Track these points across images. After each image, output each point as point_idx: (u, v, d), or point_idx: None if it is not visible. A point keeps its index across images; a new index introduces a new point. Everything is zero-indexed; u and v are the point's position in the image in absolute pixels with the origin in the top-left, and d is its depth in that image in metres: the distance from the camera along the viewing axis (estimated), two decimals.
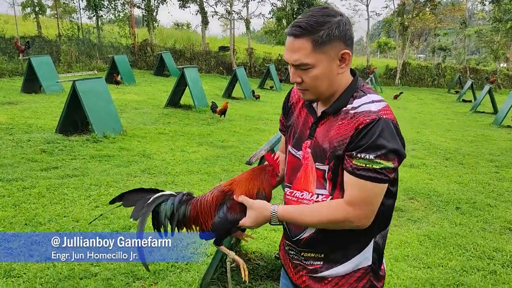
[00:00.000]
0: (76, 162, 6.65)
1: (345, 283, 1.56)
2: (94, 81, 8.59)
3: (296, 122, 1.68)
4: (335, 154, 1.46)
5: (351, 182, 1.43)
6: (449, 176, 7.26)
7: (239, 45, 29.68)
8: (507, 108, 13.94)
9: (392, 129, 1.42)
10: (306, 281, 1.63)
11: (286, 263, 1.77)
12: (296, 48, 1.44)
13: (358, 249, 1.55)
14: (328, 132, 1.51)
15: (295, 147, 1.65)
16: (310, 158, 1.55)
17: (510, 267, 4.02)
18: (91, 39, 24.52)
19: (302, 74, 1.48)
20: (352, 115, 1.45)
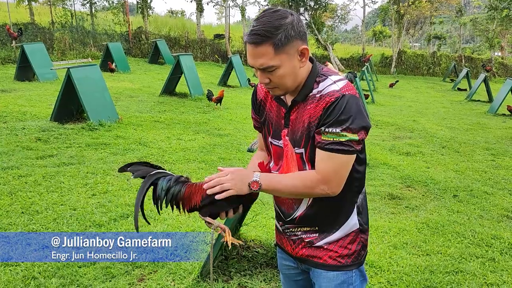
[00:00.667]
0: (72, 150, 6.59)
1: (340, 246, 1.74)
2: (89, 69, 8.49)
3: (270, 116, 1.80)
4: (310, 135, 1.61)
5: (321, 156, 1.59)
6: (445, 164, 7.28)
7: (235, 33, 29.46)
8: (502, 96, 13.97)
9: (355, 103, 1.54)
10: (306, 252, 1.78)
11: (283, 243, 1.89)
12: (259, 54, 1.54)
13: (345, 216, 1.74)
14: (300, 117, 1.65)
15: (275, 138, 1.78)
16: (289, 145, 1.68)
17: (509, 254, 4.04)
18: (84, 26, 24.21)
19: (269, 75, 1.58)
20: (318, 98, 1.59)
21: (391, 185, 5.94)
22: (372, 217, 4.78)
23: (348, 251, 1.75)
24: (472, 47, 49.54)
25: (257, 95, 1.88)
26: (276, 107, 1.78)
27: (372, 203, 5.23)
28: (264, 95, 1.84)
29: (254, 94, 1.89)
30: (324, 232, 1.75)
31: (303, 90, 1.65)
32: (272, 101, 1.80)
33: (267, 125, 1.82)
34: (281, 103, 1.74)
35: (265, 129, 1.84)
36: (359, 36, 58.59)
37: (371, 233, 4.33)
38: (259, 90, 1.88)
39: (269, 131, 1.81)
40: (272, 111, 1.80)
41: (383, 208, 5.11)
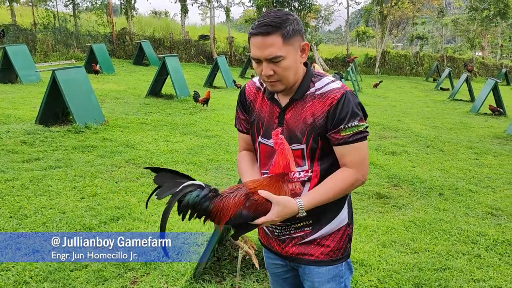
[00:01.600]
0: (59, 153, 6.53)
1: (332, 240, 1.81)
2: (74, 71, 8.41)
3: (261, 115, 1.83)
4: (314, 131, 1.68)
5: (346, 150, 1.67)
6: (431, 163, 7.40)
7: (219, 34, 29.43)
8: (484, 96, 14.24)
9: (355, 98, 1.69)
10: (297, 250, 1.82)
11: (270, 243, 1.93)
12: (268, 44, 1.60)
13: (339, 209, 1.81)
14: (299, 115, 1.71)
15: (265, 137, 1.80)
16: (285, 143, 1.68)
17: (494, 251, 4.14)
18: (67, 27, 23.93)
19: (274, 67, 1.63)
20: (319, 95, 1.68)
21: (378, 184, 6.02)
22: (360, 216, 4.85)
23: (338, 245, 1.82)
24: (453, 47, 50.29)
25: (246, 96, 1.89)
26: (269, 107, 1.80)
27: (360, 202, 5.30)
28: (254, 95, 1.87)
29: (243, 95, 1.91)
30: (317, 226, 1.79)
31: (300, 89, 1.72)
32: (262, 101, 1.83)
33: (257, 125, 1.84)
34: (274, 102, 1.78)
35: (254, 130, 1.86)
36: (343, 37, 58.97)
37: (360, 232, 4.40)
38: (248, 91, 1.90)
39: (259, 131, 1.83)
40: (263, 111, 1.82)
41: (371, 207, 5.18)
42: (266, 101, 1.82)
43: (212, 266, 3.43)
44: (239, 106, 1.93)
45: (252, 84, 1.91)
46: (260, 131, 1.83)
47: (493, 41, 40.60)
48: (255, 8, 30.12)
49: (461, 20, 37.43)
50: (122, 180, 5.52)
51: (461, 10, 43.91)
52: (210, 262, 3.44)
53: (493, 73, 33.41)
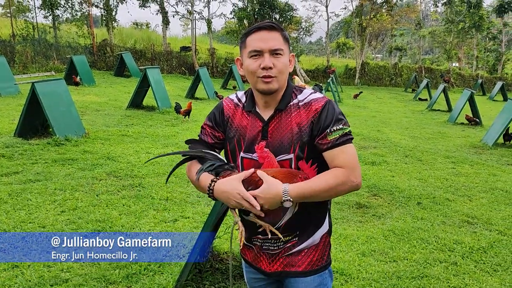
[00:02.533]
0: (38, 166, 6.47)
1: (316, 250, 1.87)
2: (54, 83, 8.35)
3: (241, 131, 1.83)
4: (300, 140, 1.72)
5: (335, 153, 1.70)
6: (409, 172, 7.54)
7: (201, 45, 29.53)
8: (460, 106, 14.58)
9: (337, 107, 1.77)
10: (285, 261, 1.85)
11: (255, 259, 1.93)
12: (271, 37, 1.71)
13: (323, 218, 1.89)
14: (285, 125, 1.75)
15: (248, 152, 1.80)
16: (271, 156, 1.72)
17: (470, 258, 4.24)
18: (47, 39, 23.73)
19: (274, 61, 1.70)
20: (303, 105, 1.75)
21: (358, 194, 6.11)
22: (341, 225, 4.92)
23: (322, 253, 1.88)
24: (431, 58, 51.37)
25: (224, 112, 1.89)
26: (251, 121, 1.81)
27: (340, 212, 5.38)
28: (232, 111, 1.87)
29: (221, 111, 1.90)
30: (303, 236, 1.84)
31: (284, 99, 1.78)
32: (242, 116, 1.84)
33: (237, 141, 1.83)
34: (257, 116, 1.81)
35: (234, 146, 1.85)
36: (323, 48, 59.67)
37: (340, 241, 4.46)
38: (226, 107, 1.89)
39: (240, 147, 1.82)
40: (243, 126, 1.83)
41: (351, 217, 5.26)
42: (246, 116, 1.83)
43: (194, 278, 3.44)
44: (213, 123, 1.90)
45: (230, 100, 1.92)
46: (242, 147, 1.82)
47: (469, 53, 41.64)
48: (237, 20, 30.35)
49: (438, 32, 38.37)
50: (103, 193, 5.49)
51: (438, 22, 44.99)
52: (192, 274, 3.45)
53: (470, 83, 34.21)
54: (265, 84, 1.72)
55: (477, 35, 36.69)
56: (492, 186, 6.80)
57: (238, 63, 1.87)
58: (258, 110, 1.82)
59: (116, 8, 26.67)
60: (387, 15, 32.63)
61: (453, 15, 34.78)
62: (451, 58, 36.41)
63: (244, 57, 1.78)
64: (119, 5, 26.75)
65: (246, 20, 29.50)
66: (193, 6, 28.12)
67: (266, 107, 1.80)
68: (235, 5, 29.91)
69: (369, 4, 32.23)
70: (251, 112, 1.83)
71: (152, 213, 4.94)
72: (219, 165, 1.78)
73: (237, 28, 31.00)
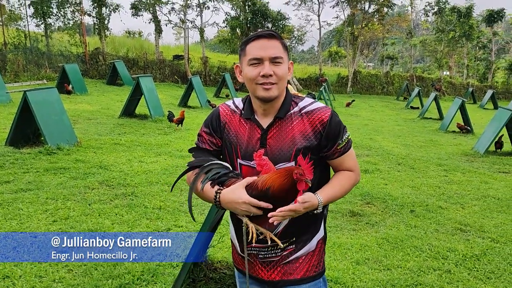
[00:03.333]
0: (30, 175, 6.41)
1: (312, 257, 1.88)
2: (46, 91, 8.31)
3: (239, 137, 1.83)
4: (303, 149, 1.74)
5: (342, 159, 1.84)
6: (402, 180, 7.56)
7: (194, 54, 29.59)
8: (452, 114, 14.70)
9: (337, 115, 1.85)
10: (282, 270, 1.85)
11: (251, 269, 1.90)
12: (271, 45, 1.72)
13: (319, 223, 1.91)
14: (286, 133, 1.76)
15: (246, 159, 1.81)
16: (269, 164, 1.71)
17: (463, 266, 4.25)
18: (39, 47, 23.64)
19: (274, 68, 1.71)
20: (306, 114, 1.77)
21: (351, 202, 6.11)
22: (334, 234, 4.92)
23: (318, 261, 1.89)
24: (422, 67, 51.84)
25: (221, 118, 1.88)
26: (249, 128, 1.81)
27: (334, 220, 5.38)
28: (229, 117, 1.86)
29: (217, 117, 1.89)
30: (300, 244, 1.85)
31: (283, 107, 1.80)
32: (240, 123, 1.84)
33: (234, 147, 1.83)
34: (255, 123, 1.81)
35: (231, 151, 1.84)
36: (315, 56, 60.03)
37: (334, 250, 4.45)
38: (222, 113, 1.89)
39: (237, 153, 1.82)
40: (240, 133, 1.82)
41: (345, 225, 5.26)
42: (244, 124, 1.83)
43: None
44: (210, 129, 1.89)
45: (227, 107, 1.91)
46: (239, 154, 1.82)
47: (460, 61, 42.09)
48: (229, 29, 30.48)
49: (429, 41, 38.77)
50: (95, 202, 5.45)
51: (429, 32, 45.47)
52: (186, 284, 3.42)
53: (461, 92, 34.54)
54: (265, 91, 1.73)
55: (467, 44, 37.14)
56: (484, 194, 6.84)
57: (237, 70, 1.86)
58: (256, 117, 1.82)
59: (108, 17, 26.64)
60: (378, 25, 32.95)
61: (444, 25, 35.20)
62: (442, 66, 36.80)
63: (243, 65, 1.78)
64: (112, 13, 26.76)
65: (238, 29, 29.65)
66: (186, 15, 28.21)
67: (264, 115, 1.81)
68: (228, 14, 30.09)
69: (361, 13, 32.55)
70: (250, 120, 1.82)
71: (145, 222, 4.91)
72: (224, 173, 1.77)
73: (230, 36, 31.14)
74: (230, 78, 21.80)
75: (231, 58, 31.12)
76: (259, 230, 1.75)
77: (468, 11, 34.13)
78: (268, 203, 1.63)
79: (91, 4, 25.94)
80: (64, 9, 24.81)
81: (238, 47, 1.85)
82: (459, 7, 34.72)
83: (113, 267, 3.73)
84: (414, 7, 41.67)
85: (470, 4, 34.32)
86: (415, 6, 41.60)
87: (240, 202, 1.64)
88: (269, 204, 1.62)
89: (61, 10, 24.72)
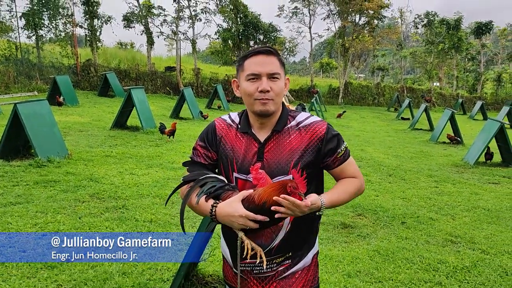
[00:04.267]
0: (19, 188, 6.35)
1: (308, 271, 1.89)
2: (36, 103, 8.27)
3: (235, 151, 1.84)
4: (301, 162, 1.76)
5: (343, 168, 1.86)
6: (393, 191, 7.60)
7: (186, 65, 29.66)
8: (442, 125, 14.83)
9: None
10: (278, 286, 1.84)
11: (244, 286, 1.89)
12: (269, 61, 1.77)
13: (314, 237, 1.94)
14: (283, 146, 1.79)
15: (242, 172, 1.81)
16: (266, 177, 1.72)
17: (454, 277, 4.26)
18: (30, 59, 23.56)
19: (271, 84, 1.75)
20: (303, 128, 1.81)
21: (343, 214, 6.12)
22: (326, 246, 4.92)
23: (313, 276, 1.91)
24: (413, 78, 52.35)
25: (217, 132, 1.89)
26: (246, 142, 1.83)
27: (325, 232, 5.38)
28: (225, 131, 1.88)
29: (213, 131, 1.90)
30: (296, 258, 1.86)
31: (281, 121, 1.84)
32: (237, 137, 1.85)
33: (230, 161, 1.84)
34: (252, 137, 1.83)
35: (227, 165, 1.85)
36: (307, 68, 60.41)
37: (326, 262, 4.45)
38: (218, 127, 1.90)
39: (233, 167, 1.83)
40: (237, 147, 1.84)
41: (336, 237, 5.26)
42: (241, 138, 1.85)
43: None
44: (206, 143, 1.90)
45: (223, 121, 1.93)
46: (235, 167, 1.82)
47: (449, 73, 42.56)
48: (221, 41, 30.62)
49: (419, 52, 39.20)
50: (86, 216, 5.41)
51: (419, 43, 46.01)
52: None
53: (450, 103, 34.89)
54: (262, 106, 1.76)
55: (457, 55, 37.60)
56: (474, 205, 6.89)
57: (234, 84, 1.89)
58: (253, 131, 1.85)
59: (100, 28, 26.68)
60: (369, 36, 33.28)
61: (433, 37, 35.66)
62: (432, 78, 37.18)
63: (241, 80, 1.81)
64: (104, 25, 26.79)
65: (230, 40, 29.79)
66: (178, 26, 28.32)
67: (261, 129, 1.84)
68: (220, 26, 30.23)
69: (351, 25, 32.90)
70: (247, 134, 1.84)
71: None
72: (220, 187, 1.78)
73: (222, 48, 31.26)
74: (222, 90, 21.86)
75: (223, 70, 31.25)
76: (252, 246, 1.74)
77: (456, 23, 34.62)
78: (265, 216, 1.63)
79: (83, 16, 26.00)
80: (56, 21, 24.80)
81: (235, 61, 1.89)
82: (448, 19, 35.22)
83: (103, 282, 3.70)
84: (404, 20, 42.20)
85: (459, 17, 34.84)
86: (405, 18, 42.09)
87: (236, 215, 1.63)
88: (266, 217, 1.62)
89: (53, 21, 24.70)
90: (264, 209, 1.62)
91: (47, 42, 26.76)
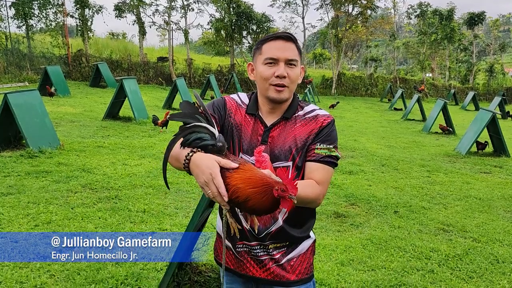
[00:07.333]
0: (11, 179, 6.30)
1: (304, 259, 1.89)
2: (27, 94, 8.18)
3: (243, 130, 1.83)
4: (303, 150, 1.77)
5: (316, 167, 1.76)
6: (386, 181, 7.63)
7: (178, 56, 29.48)
8: (434, 115, 14.90)
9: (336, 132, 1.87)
10: (275, 271, 1.84)
11: (240, 266, 1.88)
12: (289, 48, 1.75)
13: (311, 227, 1.94)
14: (288, 133, 1.79)
15: (247, 154, 1.81)
16: (267, 161, 1.70)
17: (446, 266, 4.30)
18: (21, 49, 23.28)
19: (288, 70, 1.75)
20: (310, 118, 1.81)
21: (336, 203, 6.15)
22: (319, 235, 4.94)
23: (309, 264, 1.91)
24: (405, 69, 52.39)
25: (227, 105, 1.87)
26: (253, 124, 1.83)
27: (319, 222, 5.39)
28: (234, 108, 1.87)
29: (223, 105, 1.86)
30: (292, 245, 1.86)
31: (291, 109, 1.83)
32: (246, 117, 1.85)
33: (238, 140, 1.82)
34: (260, 120, 1.83)
35: (235, 140, 1.82)
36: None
37: (319, 251, 4.47)
38: (229, 103, 1.88)
39: (240, 147, 1.82)
40: (245, 127, 1.84)
41: (329, 226, 5.28)
42: (249, 119, 1.85)
43: None
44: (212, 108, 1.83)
45: (232, 99, 1.90)
46: (241, 148, 1.82)
47: (442, 63, 42.67)
48: (214, 31, 30.43)
49: (412, 43, 39.24)
50: (78, 206, 5.38)
51: (412, 34, 46.03)
52: (170, 287, 3.40)
53: (443, 93, 35.01)
54: (276, 93, 1.77)
55: (449, 46, 37.66)
56: (466, 194, 6.95)
57: (249, 68, 1.88)
58: (261, 114, 1.85)
59: (91, 18, 26.38)
60: (362, 27, 33.22)
61: (426, 27, 35.67)
62: (425, 68, 37.24)
63: (257, 63, 1.80)
64: (95, 15, 26.50)
65: (223, 30, 29.60)
66: (170, 16, 28.08)
67: (270, 113, 1.84)
68: (212, 16, 30.00)
69: (345, 16, 32.79)
70: (254, 116, 1.85)
71: (129, 226, 4.86)
72: (208, 144, 1.55)
73: (215, 38, 31.08)
74: (215, 80, 21.75)
75: (215, 60, 31.10)
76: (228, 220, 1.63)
77: (449, 14, 34.63)
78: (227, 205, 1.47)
79: (74, 6, 25.67)
80: (46, 10, 24.44)
81: (254, 47, 1.85)
82: (440, 10, 35.23)
83: (96, 271, 3.69)
84: (397, 10, 42.17)
85: (452, 7, 34.84)
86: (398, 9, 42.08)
87: (207, 172, 1.43)
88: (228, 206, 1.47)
89: (43, 11, 24.36)
90: (231, 201, 1.46)
91: (37, 32, 26.46)
